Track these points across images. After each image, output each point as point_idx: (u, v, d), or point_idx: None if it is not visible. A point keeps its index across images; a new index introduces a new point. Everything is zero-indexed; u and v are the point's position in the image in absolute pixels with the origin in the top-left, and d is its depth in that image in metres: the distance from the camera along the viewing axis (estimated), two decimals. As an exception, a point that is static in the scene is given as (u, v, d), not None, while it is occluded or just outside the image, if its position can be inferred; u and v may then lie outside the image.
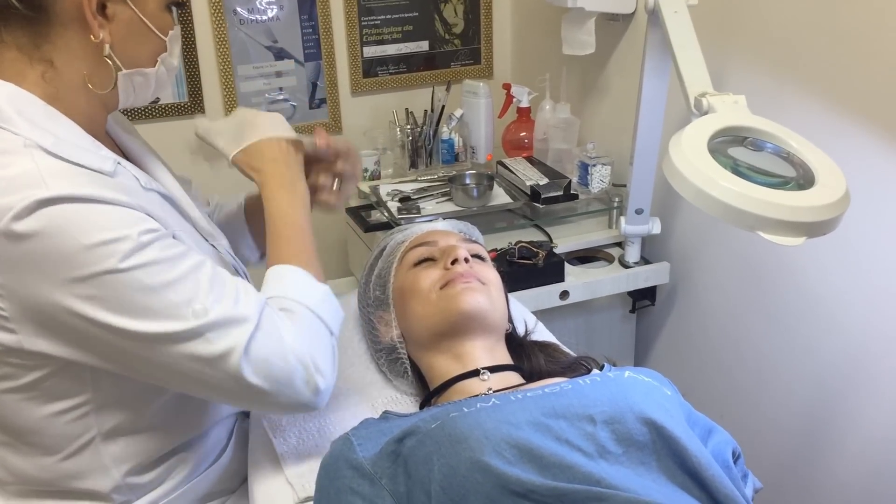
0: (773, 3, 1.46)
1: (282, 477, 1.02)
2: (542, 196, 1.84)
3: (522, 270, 1.66)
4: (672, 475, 0.85)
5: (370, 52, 2.32)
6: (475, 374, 1.03)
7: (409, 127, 2.12)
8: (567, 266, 1.72)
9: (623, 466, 0.84)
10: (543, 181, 1.88)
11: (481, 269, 1.11)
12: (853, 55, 1.32)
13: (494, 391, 0.99)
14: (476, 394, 0.99)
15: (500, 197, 1.93)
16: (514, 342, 1.15)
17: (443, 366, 1.06)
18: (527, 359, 1.12)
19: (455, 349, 1.06)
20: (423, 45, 2.38)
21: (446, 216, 1.74)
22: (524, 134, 2.14)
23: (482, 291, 1.07)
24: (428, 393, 1.08)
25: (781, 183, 0.97)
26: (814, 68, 1.41)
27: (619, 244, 1.85)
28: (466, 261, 1.09)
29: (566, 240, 1.81)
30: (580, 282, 1.73)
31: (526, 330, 1.20)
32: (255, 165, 1.08)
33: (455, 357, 1.06)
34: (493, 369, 1.04)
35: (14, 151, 0.84)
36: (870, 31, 1.29)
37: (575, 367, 1.09)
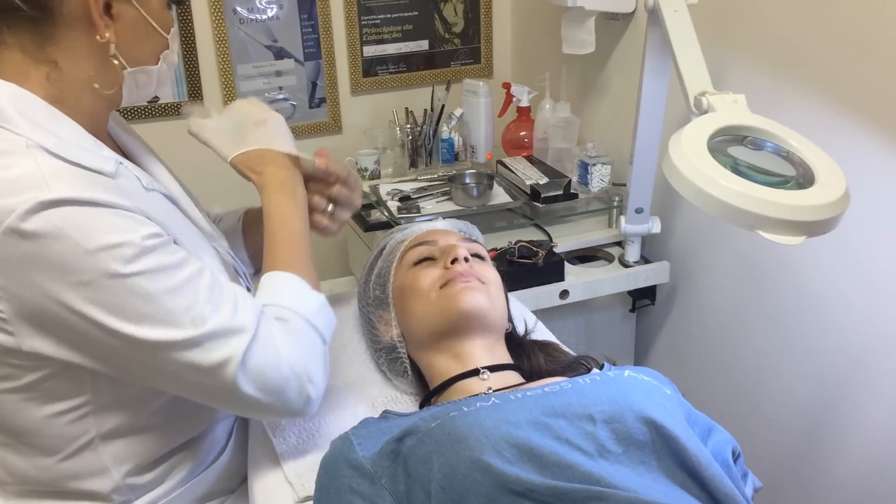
0: (773, 3, 1.46)
1: (281, 476, 1.02)
2: (542, 195, 1.84)
3: (522, 270, 1.66)
4: (672, 474, 0.85)
5: (370, 51, 2.32)
6: (475, 373, 1.03)
7: (408, 126, 2.12)
8: (567, 265, 1.72)
9: (623, 466, 0.84)
10: (543, 180, 1.88)
11: (481, 268, 1.11)
12: (853, 54, 1.32)
13: (494, 390, 0.99)
14: (476, 393, 0.99)
15: (499, 196, 1.93)
16: (513, 341, 1.15)
17: (442, 365, 1.06)
18: (526, 358, 1.12)
19: (455, 348, 1.06)
20: (423, 45, 2.38)
21: (446, 215, 1.74)
22: (524, 133, 2.14)
23: (482, 291, 1.07)
24: (428, 392, 1.08)
25: (781, 182, 0.97)
26: (814, 67, 1.40)
27: (619, 243, 1.85)
28: (466, 260, 1.09)
29: (566, 239, 1.81)
30: (580, 281, 1.73)
31: (526, 329, 1.20)
32: (256, 168, 1.08)
33: (455, 356, 1.06)
34: (493, 368, 1.04)
35: (16, 152, 0.84)
36: (870, 30, 1.29)
37: (575, 366, 1.09)
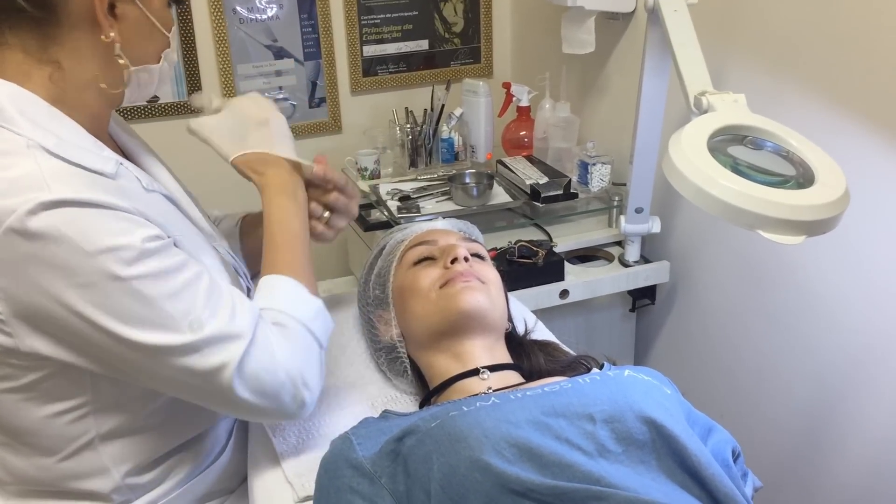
0: (773, 3, 1.46)
1: (281, 476, 1.02)
2: (542, 195, 1.84)
3: (522, 269, 1.66)
4: (672, 474, 0.85)
5: (370, 51, 2.32)
6: (475, 373, 1.03)
7: (408, 126, 2.12)
8: (567, 265, 1.72)
9: (623, 465, 0.84)
10: (543, 180, 1.88)
11: (481, 268, 1.11)
12: (853, 54, 1.32)
13: (494, 390, 0.99)
14: (476, 393, 0.99)
15: (499, 196, 1.93)
16: (513, 341, 1.15)
17: (442, 365, 1.06)
18: (526, 358, 1.12)
19: (455, 348, 1.06)
20: (423, 44, 2.38)
21: (446, 215, 1.74)
22: (524, 133, 2.14)
23: (482, 290, 1.07)
24: (427, 392, 1.08)
25: (781, 181, 0.97)
26: (814, 67, 1.40)
27: (619, 243, 1.85)
28: (466, 260, 1.09)
29: (566, 239, 1.81)
30: (580, 281, 1.73)
31: (526, 329, 1.20)
32: (258, 168, 1.08)
33: (455, 356, 1.05)
34: (493, 368, 1.04)
35: (17, 153, 0.84)
36: (870, 29, 1.29)
37: (575, 366, 1.09)
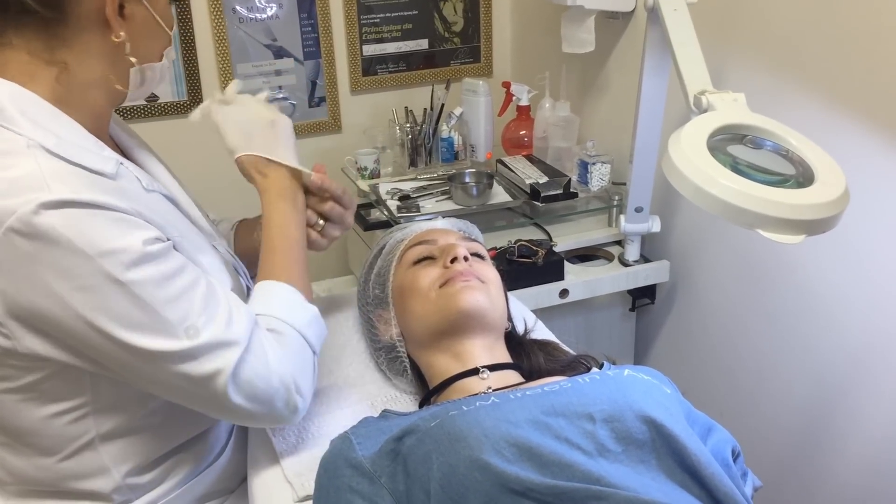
0: (773, 2, 1.46)
1: (281, 476, 1.02)
2: (542, 194, 1.84)
3: (522, 269, 1.66)
4: (671, 473, 0.85)
5: (370, 50, 2.32)
6: (474, 372, 1.03)
7: (408, 125, 2.12)
8: (567, 264, 1.72)
9: (622, 465, 0.84)
10: (543, 179, 1.88)
11: (481, 267, 1.11)
12: (853, 53, 1.32)
13: (494, 390, 0.99)
14: (475, 392, 0.99)
15: (499, 195, 1.92)
16: (513, 341, 1.15)
17: (442, 364, 1.06)
18: (526, 357, 1.12)
19: (454, 348, 1.06)
20: (423, 44, 2.38)
21: (446, 214, 1.73)
22: (524, 132, 2.14)
23: (481, 290, 1.07)
24: (427, 391, 1.08)
25: (781, 181, 0.97)
26: (813, 66, 1.40)
27: (619, 242, 1.85)
28: (466, 259, 1.09)
29: (566, 238, 1.81)
30: (580, 280, 1.72)
31: (525, 328, 1.20)
32: (262, 170, 1.09)
33: (454, 356, 1.05)
34: (493, 368, 1.04)
35: (17, 153, 0.84)
36: (870, 29, 1.29)
37: (574, 365, 1.09)
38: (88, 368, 0.89)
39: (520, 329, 1.19)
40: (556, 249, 1.73)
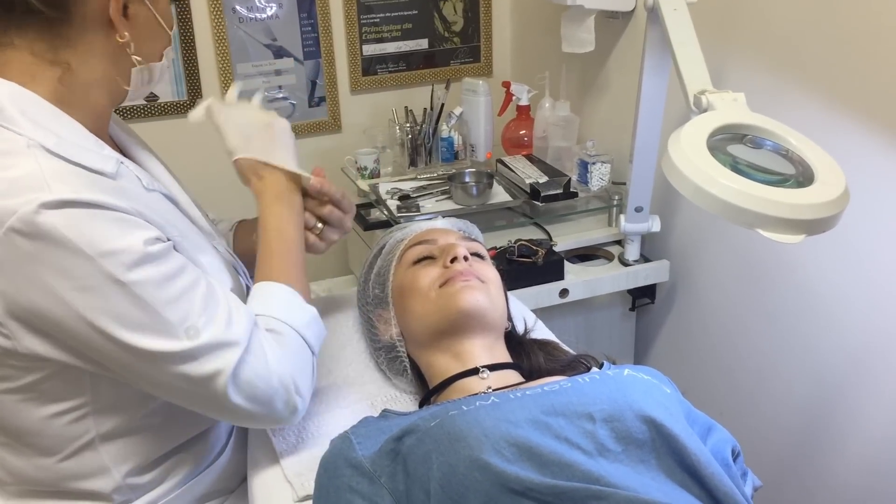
0: (773, 1, 1.46)
1: (281, 475, 1.02)
2: (542, 194, 1.84)
3: (522, 268, 1.66)
4: (671, 473, 0.85)
5: (370, 50, 2.32)
6: (474, 372, 1.03)
7: (408, 125, 2.12)
8: (567, 264, 1.72)
9: (622, 464, 0.84)
10: (543, 179, 1.88)
11: (481, 267, 1.11)
12: (853, 53, 1.32)
13: (494, 389, 0.99)
14: (475, 392, 0.99)
15: (499, 195, 1.92)
16: (513, 340, 1.15)
17: (442, 364, 1.06)
18: (526, 357, 1.12)
19: (454, 347, 1.06)
20: (423, 43, 2.38)
21: (446, 214, 1.73)
22: (524, 132, 2.14)
23: (481, 290, 1.07)
24: (427, 391, 1.08)
25: (781, 180, 0.97)
26: (813, 66, 1.40)
27: (619, 242, 1.85)
28: (466, 259, 1.09)
29: (566, 238, 1.81)
30: (580, 280, 1.72)
31: (525, 328, 1.20)
32: (259, 172, 1.09)
33: (454, 355, 1.05)
34: (493, 367, 1.04)
35: (17, 152, 0.84)
36: (870, 28, 1.29)
37: (574, 365, 1.09)
38: (88, 369, 0.89)
39: (520, 329, 1.19)
40: (556, 249, 1.73)
